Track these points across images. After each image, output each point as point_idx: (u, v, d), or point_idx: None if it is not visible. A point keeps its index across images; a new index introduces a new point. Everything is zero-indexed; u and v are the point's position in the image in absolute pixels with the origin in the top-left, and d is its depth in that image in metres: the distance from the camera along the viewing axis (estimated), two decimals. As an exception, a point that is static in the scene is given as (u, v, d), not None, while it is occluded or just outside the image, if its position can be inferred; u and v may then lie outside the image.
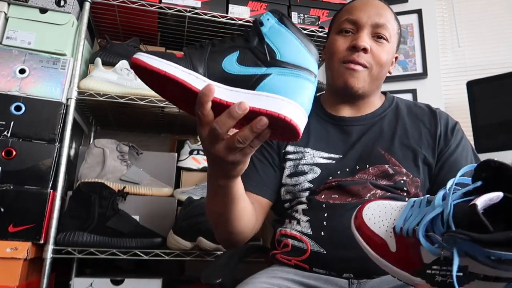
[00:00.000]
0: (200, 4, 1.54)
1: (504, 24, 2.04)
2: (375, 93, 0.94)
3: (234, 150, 0.53)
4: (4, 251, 1.12)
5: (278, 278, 0.74)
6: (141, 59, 0.51)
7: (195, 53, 0.53)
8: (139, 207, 1.36)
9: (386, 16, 0.90)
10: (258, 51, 0.53)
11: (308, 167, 0.87)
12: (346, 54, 0.87)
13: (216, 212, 0.74)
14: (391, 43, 0.90)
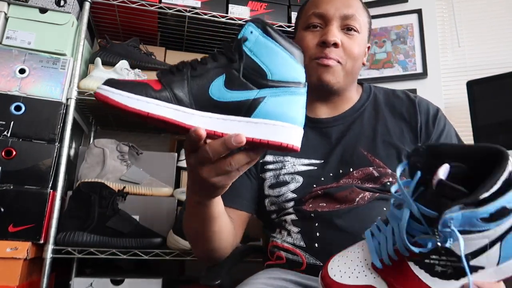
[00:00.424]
0: (200, 4, 1.54)
1: (504, 24, 2.04)
2: (351, 87, 0.91)
3: (221, 174, 0.51)
4: (4, 251, 1.12)
5: (276, 279, 0.74)
6: (108, 96, 0.45)
7: (173, 80, 0.48)
8: (139, 207, 1.36)
9: (354, 6, 0.86)
10: (246, 71, 0.48)
11: (290, 176, 0.83)
12: (316, 50, 0.84)
13: (195, 229, 0.72)
14: (362, 34, 0.87)
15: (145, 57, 1.55)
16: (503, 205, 0.42)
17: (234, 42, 0.50)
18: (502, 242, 0.44)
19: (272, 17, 1.63)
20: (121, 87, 0.45)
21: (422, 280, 0.46)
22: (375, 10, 2.15)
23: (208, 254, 0.78)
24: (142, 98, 0.45)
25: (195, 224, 0.70)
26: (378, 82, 1.99)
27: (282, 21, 1.63)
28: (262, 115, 0.47)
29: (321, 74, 0.83)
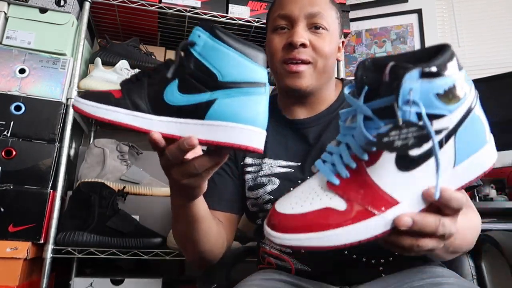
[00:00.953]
0: (200, 4, 1.54)
1: (504, 24, 2.05)
2: (327, 86, 0.87)
3: (190, 176, 0.52)
4: (4, 251, 1.12)
5: (271, 280, 0.73)
6: (79, 107, 0.51)
7: (133, 89, 0.51)
8: (139, 207, 1.36)
9: (319, 3, 0.82)
10: (197, 75, 0.48)
11: (267, 178, 0.82)
12: (284, 53, 0.81)
13: (181, 232, 0.71)
14: (331, 31, 0.83)
15: (145, 57, 1.55)
16: (454, 83, 0.42)
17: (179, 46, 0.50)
18: (456, 137, 0.44)
19: (272, 17, 1.63)
20: (88, 98, 0.51)
21: (381, 187, 0.44)
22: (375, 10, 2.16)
23: (199, 256, 0.76)
24: (104, 106, 0.50)
25: (182, 227, 0.69)
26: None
27: (282, 21, 1.63)
28: (215, 116, 0.48)
29: (291, 81, 0.81)
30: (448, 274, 0.68)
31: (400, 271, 0.71)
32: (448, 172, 0.45)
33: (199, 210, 0.65)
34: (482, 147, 0.47)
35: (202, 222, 0.67)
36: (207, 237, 0.71)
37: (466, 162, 0.45)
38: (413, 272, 0.69)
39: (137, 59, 1.52)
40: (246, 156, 0.86)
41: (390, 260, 0.73)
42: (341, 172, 0.46)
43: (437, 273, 0.67)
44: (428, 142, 0.42)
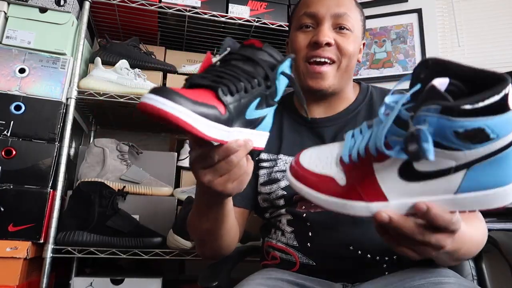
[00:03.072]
0: (200, 4, 1.54)
1: (504, 24, 2.04)
2: (347, 86, 0.89)
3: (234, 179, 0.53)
4: (4, 251, 1.12)
5: (273, 279, 0.74)
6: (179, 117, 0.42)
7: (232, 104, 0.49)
8: (139, 207, 1.36)
9: (346, 4, 0.84)
10: (270, 95, 0.55)
11: (281, 174, 0.83)
12: (308, 51, 0.83)
13: (204, 229, 0.71)
14: (355, 32, 0.85)
15: (145, 56, 1.55)
16: (480, 126, 0.40)
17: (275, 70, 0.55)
18: (469, 171, 0.44)
19: (272, 17, 1.63)
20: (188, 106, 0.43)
21: (378, 182, 0.48)
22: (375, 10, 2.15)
23: (216, 252, 0.78)
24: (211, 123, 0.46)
25: (207, 224, 0.69)
26: (378, 81, 1.99)
27: (282, 20, 1.63)
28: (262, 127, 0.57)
29: (314, 81, 0.83)
30: (449, 274, 0.68)
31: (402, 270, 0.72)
32: (446, 196, 0.46)
33: (229, 207, 0.67)
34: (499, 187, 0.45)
35: (228, 218, 0.70)
36: (230, 232, 0.74)
37: (471, 194, 0.45)
38: (414, 271, 0.70)
39: (137, 58, 1.52)
40: (262, 152, 0.87)
41: (394, 258, 0.74)
42: (353, 155, 0.50)
43: (438, 273, 0.68)
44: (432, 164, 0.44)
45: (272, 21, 1.60)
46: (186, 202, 1.32)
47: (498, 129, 0.41)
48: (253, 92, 0.52)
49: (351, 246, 0.73)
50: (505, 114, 0.40)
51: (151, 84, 1.43)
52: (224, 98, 0.48)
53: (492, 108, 0.40)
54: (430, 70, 0.46)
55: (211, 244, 0.75)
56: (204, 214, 0.68)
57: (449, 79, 0.44)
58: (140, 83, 1.41)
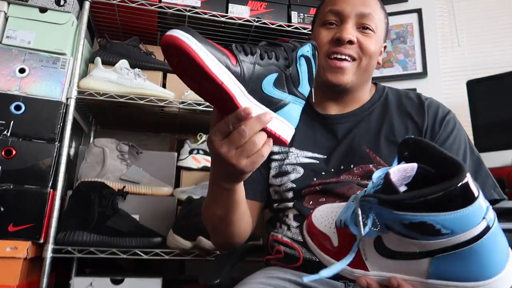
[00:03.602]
0: (200, 4, 1.54)
1: (504, 24, 2.04)
2: (364, 86, 0.90)
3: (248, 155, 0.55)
4: (4, 251, 1.12)
5: (275, 278, 0.74)
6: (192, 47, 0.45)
7: (245, 61, 0.51)
8: (139, 207, 1.36)
9: (371, 5, 0.86)
10: (290, 78, 0.56)
11: (292, 167, 0.85)
12: (330, 46, 0.84)
13: (218, 216, 0.74)
14: (378, 33, 0.86)
15: (145, 56, 1.55)
16: (425, 220, 0.39)
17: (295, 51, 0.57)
18: (434, 259, 0.43)
19: (272, 17, 1.63)
20: (203, 43, 0.46)
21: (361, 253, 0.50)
22: (375, 10, 2.15)
23: (228, 239, 0.80)
24: (221, 65, 0.48)
25: (219, 210, 0.72)
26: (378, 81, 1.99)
27: (282, 20, 1.63)
28: (284, 115, 0.57)
29: (334, 76, 0.84)
30: None
31: None
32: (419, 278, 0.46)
33: (241, 193, 0.70)
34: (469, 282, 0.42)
35: (240, 205, 0.72)
36: (242, 220, 0.76)
37: (442, 282, 0.44)
38: None
39: (137, 58, 1.52)
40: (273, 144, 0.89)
41: None
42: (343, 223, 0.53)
43: None
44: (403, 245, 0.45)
45: (272, 21, 1.60)
46: (186, 202, 1.32)
47: (451, 225, 0.39)
48: (270, 63, 0.54)
49: None
50: (459, 212, 0.39)
51: (151, 84, 1.43)
52: (236, 51, 0.51)
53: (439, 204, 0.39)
54: (411, 150, 0.48)
55: (224, 231, 0.77)
56: (217, 201, 0.70)
57: (417, 164, 0.46)
58: (140, 83, 1.41)
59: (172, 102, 1.42)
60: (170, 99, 1.42)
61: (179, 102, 1.43)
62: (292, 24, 1.63)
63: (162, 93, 1.42)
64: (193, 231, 1.25)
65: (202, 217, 0.80)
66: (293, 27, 1.62)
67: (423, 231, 0.41)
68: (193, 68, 0.46)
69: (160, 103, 1.41)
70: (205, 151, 1.55)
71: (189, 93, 1.48)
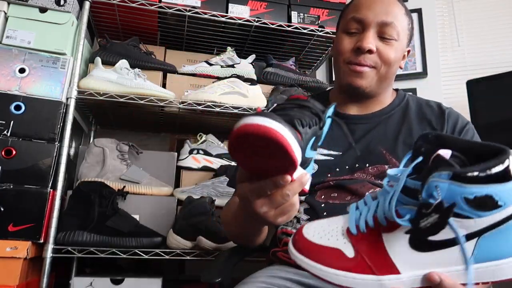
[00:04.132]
0: (200, 3, 1.54)
1: (504, 24, 2.04)
2: (385, 91, 0.92)
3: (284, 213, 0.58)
4: (4, 251, 1.12)
5: (277, 278, 0.74)
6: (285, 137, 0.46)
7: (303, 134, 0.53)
8: (139, 207, 1.36)
9: (394, 13, 0.85)
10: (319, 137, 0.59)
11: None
12: (351, 55, 0.86)
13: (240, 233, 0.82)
14: (400, 41, 0.87)
15: (145, 56, 1.55)
16: (489, 193, 0.42)
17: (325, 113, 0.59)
18: (480, 240, 0.44)
19: (272, 17, 1.63)
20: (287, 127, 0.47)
21: (389, 254, 0.47)
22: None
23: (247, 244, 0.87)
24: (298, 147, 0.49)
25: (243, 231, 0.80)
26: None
27: (282, 20, 1.63)
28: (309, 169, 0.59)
29: (353, 79, 0.86)
30: None
31: None
32: (458, 267, 0.46)
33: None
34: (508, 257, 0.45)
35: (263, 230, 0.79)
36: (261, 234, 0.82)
37: (483, 265, 0.45)
38: None
39: (137, 58, 1.52)
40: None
41: None
42: (361, 226, 0.50)
43: None
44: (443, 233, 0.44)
45: (272, 21, 1.60)
46: (186, 202, 1.32)
47: (505, 197, 0.42)
48: (312, 130, 0.56)
49: None
50: (509, 183, 0.42)
51: (151, 84, 1.43)
52: (300, 127, 0.52)
53: (498, 177, 0.42)
54: (431, 144, 0.47)
55: (242, 240, 0.86)
56: (242, 226, 0.77)
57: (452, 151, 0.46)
58: (140, 83, 1.41)
59: (172, 102, 1.42)
60: (170, 99, 1.42)
61: (179, 102, 1.43)
62: (292, 24, 1.62)
63: (162, 93, 1.42)
64: (193, 231, 1.25)
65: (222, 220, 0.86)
66: (293, 27, 1.62)
67: (482, 205, 0.42)
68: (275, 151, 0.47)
69: (160, 103, 1.41)
70: (205, 151, 1.55)
71: (189, 93, 1.48)
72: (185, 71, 1.59)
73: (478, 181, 0.42)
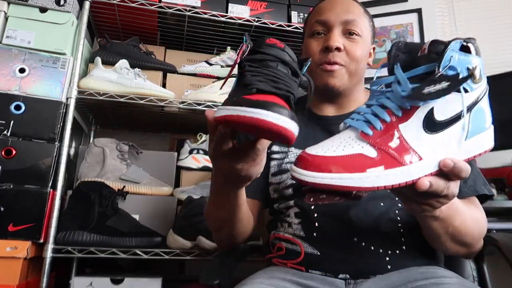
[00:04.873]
0: (200, 3, 1.54)
1: (504, 24, 2.04)
2: (357, 89, 0.94)
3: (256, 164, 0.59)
4: (4, 250, 1.12)
5: (275, 279, 0.74)
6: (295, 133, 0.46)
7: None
8: (139, 206, 1.36)
9: (354, 12, 0.90)
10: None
11: (291, 165, 0.87)
12: (320, 56, 0.88)
13: (222, 218, 0.79)
14: (364, 37, 0.91)
15: (145, 56, 1.55)
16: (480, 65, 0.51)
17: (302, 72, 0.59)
18: (472, 113, 0.51)
19: (272, 17, 1.63)
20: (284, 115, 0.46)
21: (409, 143, 0.50)
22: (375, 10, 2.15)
23: (231, 239, 0.85)
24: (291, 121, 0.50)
25: (223, 212, 0.77)
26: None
27: (282, 20, 1.63)
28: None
29: (326, 79, 0.88)
30: (450, 275, 0.70)
31: (404, 269, 0.73)
32: (460, 144, 0.51)
33: (243, 196, 0.74)
34: (486, 130, 0.53)
35: (242, 207, 0.76)
36: (243, 220, 0.81)
37: (474, 139, 0.52)
38: (417, 272, 0.71)
39: (137, 58, 1.52)
40: (274, 144, 0.93)
41: (397, 252, 0.75)
42: (376, 125, 0.52)
43: (440, 274, 0.69)
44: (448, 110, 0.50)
45: (272, 21, 1.60)
46: (186, 202, 1.32)
47: (482, 70, 0.51)
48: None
49: (355, 238, 0.75)
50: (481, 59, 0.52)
51: (151, 84, 1.43)
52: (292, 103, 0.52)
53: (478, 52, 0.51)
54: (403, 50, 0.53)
55: (228, 232, 0.83)
56: (219, 205, 0.75)
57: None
58: (140, 82, 1.41)
59: (172, 102, 1.42)
60: (170, 99, 1.42)
61: (179, 102, 1.43)
62: (292, 24, 1.63)
63: (162, 93, 1.42)
64: (193, 231, 1.25)
65: (206, 219, 0.84)
66: (293, 27, 1.62)
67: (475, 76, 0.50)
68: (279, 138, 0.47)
69: (160, 103, 1.41)
70: (205, 151, 1.55)
71: (189, 93, 1.48)
72: (185, 71, 1.59)
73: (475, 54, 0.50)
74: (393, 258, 0.74)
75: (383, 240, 0.75)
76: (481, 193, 0.80)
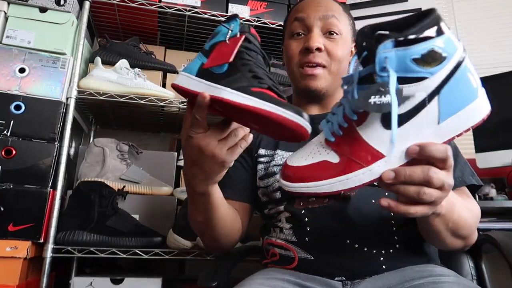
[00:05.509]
0: (200, 3, 1.54)
1: (504, 24, 2.05)
2: (340, 88, 0.93)
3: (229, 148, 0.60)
4: (4, 250, 1.12)
5: (274, 279, 0.74)
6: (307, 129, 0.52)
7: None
8: (139, 206, 1.36)
9: (333, 8, 0.90)
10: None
11: (278, 168, 0.87)
12: (301, 57, 0.88)
13: (199, 221, 0.77)
14: (344, 36, 0.90)
15: (145, 56, 1.55)
16: (431, 48, 0.45)
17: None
18: (440, 96, 0.48)
19: (272, 17, 1.63)
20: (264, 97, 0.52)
21: (368, 142, 0.50)
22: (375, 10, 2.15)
23: (215, 242, 0.83)
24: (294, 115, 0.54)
25: (200, 215, 0.75)
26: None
27: (282, 20, 1.62)
28: None
29: (308, 83, 0.88)
30: (447, 273, 0.69)
31: (400, 268, 0.72)
32: (431, 128, 0.49)
33: (217, 196, 0.72)
34: (471, 102, 0.49)
35: (219, 208, 0.74)
36: (223, 222, 0.78)
37: (453, 118, 0.49)
38: (414, 271, 0.70)
39: (137, 58, 1.52)
40: (260, 147, 0.92)
41: (390, 252, 0.74)
42: (336, 131, 0.53)
43: (438, 272, 0.68)
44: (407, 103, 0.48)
45: (272, 21, 1.60)
46: (186, 202, 1.32)
47: (447, 47, 0.46)
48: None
49: (348, 240, 0.74)
50: (444, 35, 0.46)
51: (151, 83, 1.43)
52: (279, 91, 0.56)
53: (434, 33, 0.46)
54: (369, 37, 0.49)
55: (209, 235, 0.81)
56: (195, 207, 0.74)
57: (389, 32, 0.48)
58: (140, 82, 1.41)
59: (172, 102, 1.42)
60: (170, 99, 1.42)
61: (179, 102, 1.43)
62: (292, 24, 1.62)
63: (162, 93, 1.42)
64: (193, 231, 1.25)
65: (190, 223, 0.82)
66: (293, 27, 1.62)
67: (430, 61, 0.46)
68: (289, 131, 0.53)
69: (160, 103, 1.41)
70: (205, 151, 1.55)
71: (189, 93, 1.48)
72: (185, 71, 1.58)
73: (419, 41, 0.45)
74: (387, 258, 0.73)
75: (376, 240, 0.74)
76: (469, 183, 0.80)
